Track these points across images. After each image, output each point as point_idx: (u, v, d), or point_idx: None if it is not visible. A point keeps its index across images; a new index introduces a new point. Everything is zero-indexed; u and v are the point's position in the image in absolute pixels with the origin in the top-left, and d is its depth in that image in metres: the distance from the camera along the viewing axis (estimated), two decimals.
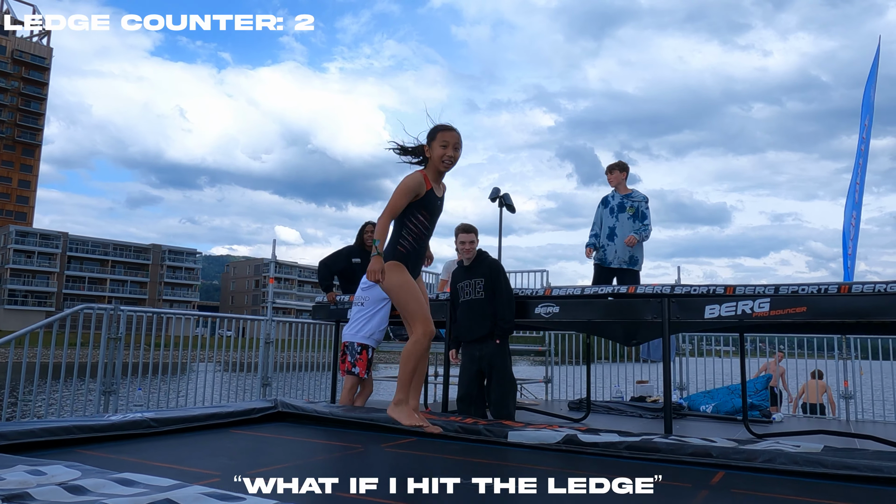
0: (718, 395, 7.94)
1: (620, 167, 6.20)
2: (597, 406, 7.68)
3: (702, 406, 7.84)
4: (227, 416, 4.08)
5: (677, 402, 7.91)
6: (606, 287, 4.45)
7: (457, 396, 4.69)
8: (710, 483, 2.77)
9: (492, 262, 4.77)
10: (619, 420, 7.04)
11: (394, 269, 3.47)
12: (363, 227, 6.09)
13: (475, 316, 4.56)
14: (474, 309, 4.57)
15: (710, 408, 7.73)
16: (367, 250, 5.72)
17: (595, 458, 3.30)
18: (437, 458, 3.22)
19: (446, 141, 3.56)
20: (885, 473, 2.84)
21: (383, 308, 5.03)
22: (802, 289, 3.79)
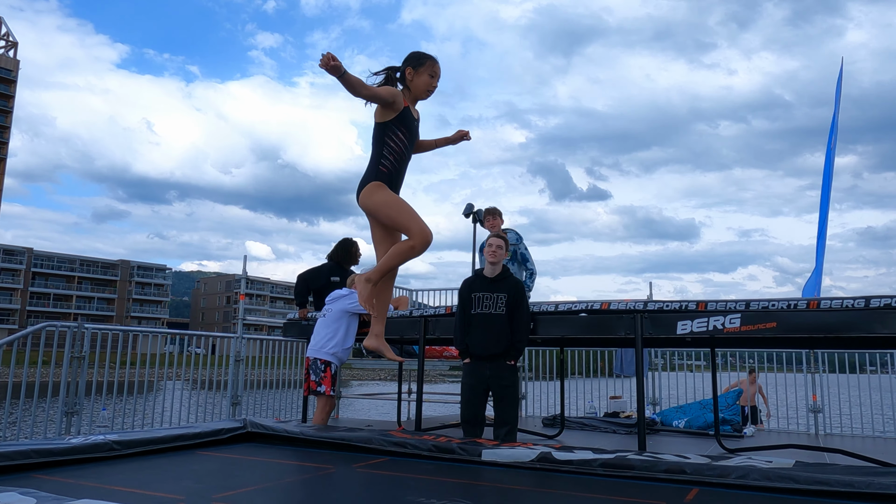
0: (691, 410, 7.99)
1: (494, 213, 6.21)
2: (571, 422, 7.67)
3: (674, 421, 7.88)
4: (195, 437, 3.97)
5: (650, 418, 7.94)
6: (581, 303, 4.44)
7: (463, 417, 4.41)
8: (684, 500, 2.76)
9: (517, 280, 4.63)
10: (593, 436, 7.03)
11: (377, 189, 3.42)
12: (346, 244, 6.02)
13: (493, 331, 4.33)
14: (493, 324, 4.34)
15: (683, 423, 7.76)
16: (345, 268, 5.66)
17: (570, 476, 3.26)
18: (410, 479, 3.16)
19: (435, 72, 3.54)
20: (856, 488, 2.85)
21: (348, 323, 4.96)
22: (773, 304, 3.83)
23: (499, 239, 4.52)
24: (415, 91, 3.56)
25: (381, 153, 3.51)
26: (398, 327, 5.19)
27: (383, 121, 3.52)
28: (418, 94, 3.56)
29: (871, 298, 3.62)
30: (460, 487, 3.01)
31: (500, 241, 4.52)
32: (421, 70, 3.54)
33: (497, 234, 4.61)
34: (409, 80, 3.55)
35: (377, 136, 3.53)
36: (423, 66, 3.54)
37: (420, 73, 3.54)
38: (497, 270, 4.43)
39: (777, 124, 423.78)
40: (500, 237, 4.57)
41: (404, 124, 3.51)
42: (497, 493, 2.93)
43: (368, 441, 3.91)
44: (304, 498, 2.75)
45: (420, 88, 3.55)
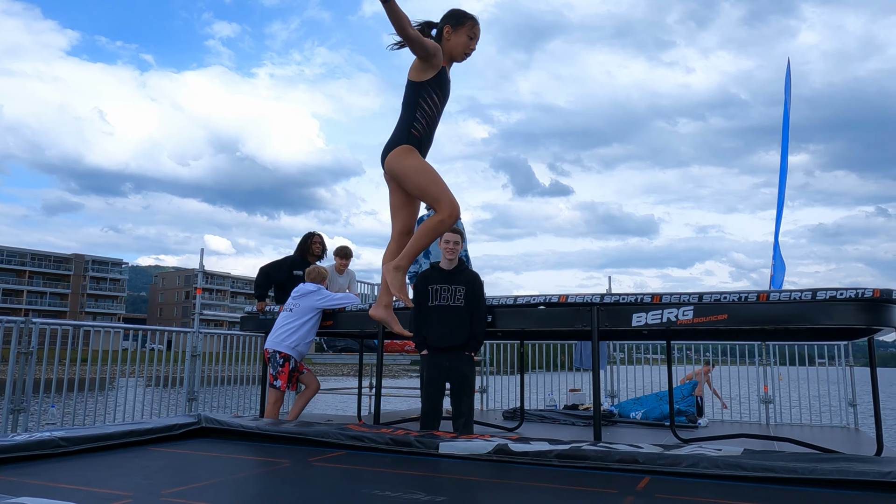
0: (647, 402, 8.15)
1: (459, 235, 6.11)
2: (530, 415, 7.75)
3: (631, 413, 8.03)
4: (146, 432, 3.88)
5: (608, 410, 8.07)
6: (539, 296, 4.48)
7: (424, 410, 4.38)
8: (635, 489, 2.81)
9: (474, 273, 4.69)
10: (552, 428, 7.11)
11: (408, 153, 3.20)
12: (308, 237, 5.95)
13: (451, 324, 4.33)
14: (451, 316, 4.34)
15: (640, 414, 7.91)
16: (311, 262, 5.60)
17: (526, 468, 3.29)
18: (366, 472, 3.14)
19: (475, 33, 3.29)
20: (800, 474, 2.94)
21: (312, 319, 4.93)
22: (724, 297, 3.92)
23: (456, 234, 4.55)
24: (451, 52, 3.30)
25: (413, 115, 3.27)
26: (357, 321, 5.16)
27: (419, 80, 3.26)
28: (455, 55, 3.31)
29: (817, 291, 3.74)
30: (417, 480, 3.00)
31: (457, 237, 4.55)
32: (460, 30, 3.29)
33: (454, 228, 4.63)
34: (445, 38, 3.30)
35: (410, 96, 3.28)
36: (462, 26, 3.29)
37: (459, 33, 3.29)
38: (454, 263, 4.46)
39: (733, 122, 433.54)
40: (458, 232, 4.59)
41: (440, 86, 3.28)
42: (453, 485, 2.94)
43: (325, 435, 3.88)
44: (256, 492, 2.72)
45: (457, 49, 3.29)
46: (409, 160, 3.18)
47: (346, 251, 6.64)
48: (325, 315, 5.09)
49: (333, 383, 23.21)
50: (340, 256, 6.42)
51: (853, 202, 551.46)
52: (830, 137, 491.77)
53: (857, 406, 8.14)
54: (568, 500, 2.67)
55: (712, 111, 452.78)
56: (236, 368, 8.23)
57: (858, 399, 8.15)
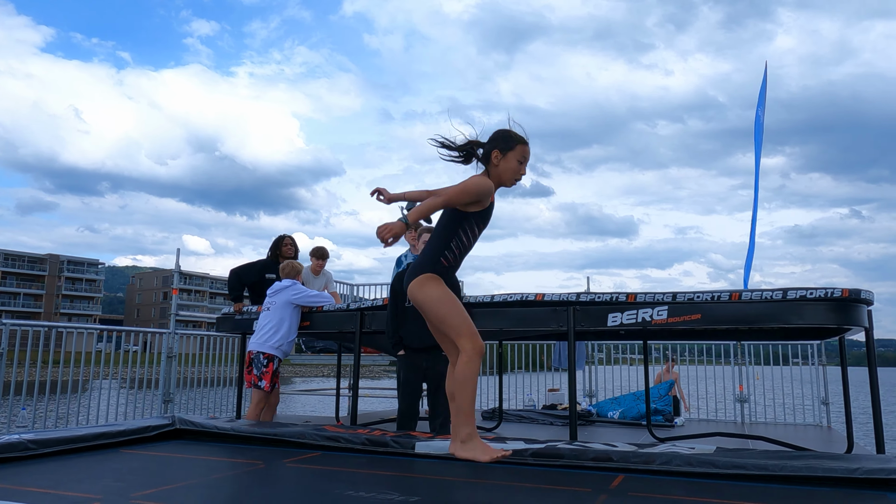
0: (625, 402, 8.21)
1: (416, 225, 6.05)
2: (509, 415, 7.77)
3: (609, 412, 8.08)
4: (118, 434, 3.82)
5: (586, 409, 8.12)
6: (515, 295, 4.49)
7: (400, 410, 4.35)
8: (609, 487, 2.82)
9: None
10: (531, 428, 7.14)
11: (431, 281, 3.06)
12: (279, 240, 5.91)
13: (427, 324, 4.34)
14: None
15: (617, 414, 7.98)
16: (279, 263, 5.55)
17: (501, 467, 3.30)
18: (341, 472, 3.13)
19: (525, 156, 3.13)
20: (770, 471, 2.99)
21: (291, 315, 4.89)
22: (698, 296, 3.96)
23: (428, 235, 4.55)
24: (500, 177, 3.14)
25: (447, 244, 3.11)
26: (335, 321, 5.14)
27: (465, 210, 3.09)
28: (504, 181, 3.14)
29: (787, 290, 3.79)
30: (392, 480, 3.00)
31: (427, 237, 4.55)
32: (510, 154, 3.12)
33: (429, 228, 4.62)
34: (494, 164, 3.13)
35: (450, 223, 3.11)
36: (512, 150, 3.11)
37: (508, 158, 3.12)
38: None
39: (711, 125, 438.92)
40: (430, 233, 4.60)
41: (484, 220, 3.13)
42: (428, 485, 2.93)
43: (301, 436, 3.86)
44: (229, 494, 2.69)
45: (507, 175, 3.13)
46: (430, 290, 3.05)
47: (323, 252, 6.61)
48: (302, 316, 5.06)
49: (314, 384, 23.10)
50: (316, 257, 6.38)
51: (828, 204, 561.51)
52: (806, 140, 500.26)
53: (829, 404, 8.27)
54: (542, 499, 2.68)
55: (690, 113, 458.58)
56: (215, 370, 8.15)
57: (831, 398, 8.29)
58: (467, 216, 3.07)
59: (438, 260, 3.07)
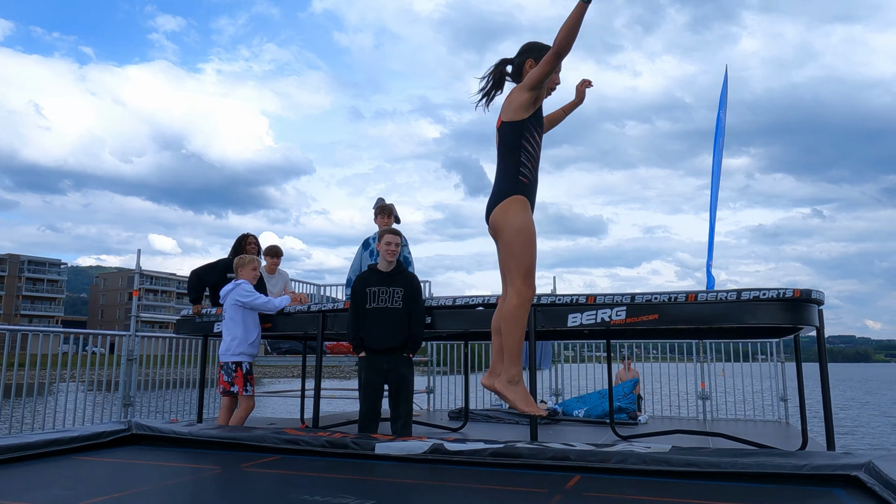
0: (590, 400, 8.30)
1: (388, 211, 5.96)
2: (476, 415, 7.79)
3: (575, 411, 8.16)
4: (71, 441, 3.74)
5: (552, 408, 8.19)
6: (477, 298, 4.51)
7: (361, 412, 4.35)
8: (564, 487, 2.85)
9: (412, 274, 4.70)
10: (497, 428, 7.17)
11: (517, 205, 2.82)
12: (242, 239, 5.82)
13: (389, 326, 4.32)
14: (389, 318, 4.33)
15: (583, 412, 8.06)
16: None
17: (461, 468, 3.31)
18: (299, 476, 3.11)
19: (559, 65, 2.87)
20: (722, 468, 3.05)
21: (245, 317, 4.82)
22: (655, 297, 4.02)
23: (396, 237, 4.55)
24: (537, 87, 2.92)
25: (517, 159, 2.88)
26: (298, 323, 5.09)
27: (522, 118, 2.89)
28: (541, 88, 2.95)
29: (742, 291, 3.87)
30: (350, 483, 2.99)
31: (398, 239, 4.55)
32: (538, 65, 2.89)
33: (394, 230, 4.62)
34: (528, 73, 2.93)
35: (512, 138, 2.90)
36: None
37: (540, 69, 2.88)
38: (393, 265, 4.44)
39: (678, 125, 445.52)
40: (398, 234, 4.59)
41: (539, 122, 2.95)
42: (386, 488, 2.93)
43: (261, 440, 3.82)
44: (182, 501, 2.65)
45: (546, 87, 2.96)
46: (518, 216, 2.81)
47: (277, 250, 6.54)
48: (265, 318, 4.99)
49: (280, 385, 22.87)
50: (271, 255, 6.30)
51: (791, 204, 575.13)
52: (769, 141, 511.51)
53: (787, 401, 8.46)
54: (497, 500, 2.70)
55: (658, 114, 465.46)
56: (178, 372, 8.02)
57: (790, 394, 8.48)
58: (525, 124, 2.86)
59: (518, 179, 2.84)
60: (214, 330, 5.30)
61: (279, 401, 17.07)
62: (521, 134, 2.86)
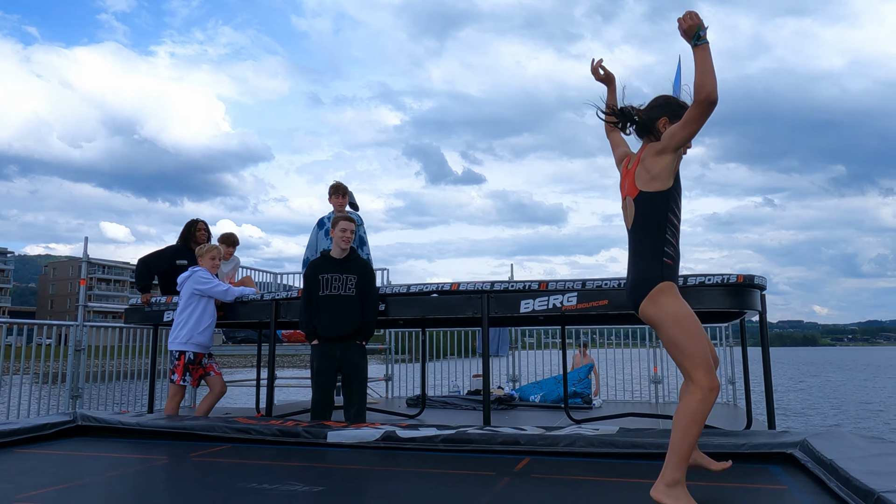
0: (546, 386, 8.41)
1: (343, 191, 5.87)
2: (433, 401, 7.83)
3: (531, 396, 8.26)
4: (11, 434, 3.63)
5: (509, 394, 8.28)
6: (432, 285, 4.52)
7: (315, 401, 4.31)
8: (513, 470, 2.90)
9: (366, 261, 4.66)
10: (454, 414, 7.22)
11: (666, 295, 2.42)
12: (191, 224, 5.69)
13: (343, 313, 4.29)
14: (342, 305, 4.29)
15: (539, 397, 8.16)
16: (193, 250, 5.35)
17: (412, 454, 3.33)
18: (248, 465, 3.08)
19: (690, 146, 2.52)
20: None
21: (198, 306, 4.73)
22: (605, 283, 4.10)
23: (351, 223, 4.51)
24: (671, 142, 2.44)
25: (662, 237, 2.43)
26: (251, 311, 5.03)
27: (666, 188, 2.44)
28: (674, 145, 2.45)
29: (688, 277, 3.96)
30: (301, 470, 2.98)
31: (353, 226, 4.51)
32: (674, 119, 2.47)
33: (347, 216, 4.58)
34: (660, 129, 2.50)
35: (654, 211, 2.45)
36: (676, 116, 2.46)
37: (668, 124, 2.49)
38: (346, 252, 4.41)
39: None
40: (352, 220, 4.56)
41: (680, 191, 2.51)
42: (335, 474, 2.93)
43: (211, 429, 3.78)
44: (124, 492, 2.60)
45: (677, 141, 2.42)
46: (668, 306, 2.42)
47: (233, 238, 6.43)
48: (217, 305, 4.91)
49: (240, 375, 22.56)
50: (227, 244, 6.19)
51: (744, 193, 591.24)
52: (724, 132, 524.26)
53: (735, 383, 8.72)
54: (445, 485, 2.72)
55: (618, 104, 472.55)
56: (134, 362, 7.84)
57: (737, 377, 8.74)
58: (670, 193, 2.44)
59: (661, 260, 2.43)
60: (165, 319, 5.19)
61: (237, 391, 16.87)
62: (667, 205, 2.43)
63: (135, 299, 5.57)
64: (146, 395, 7.81)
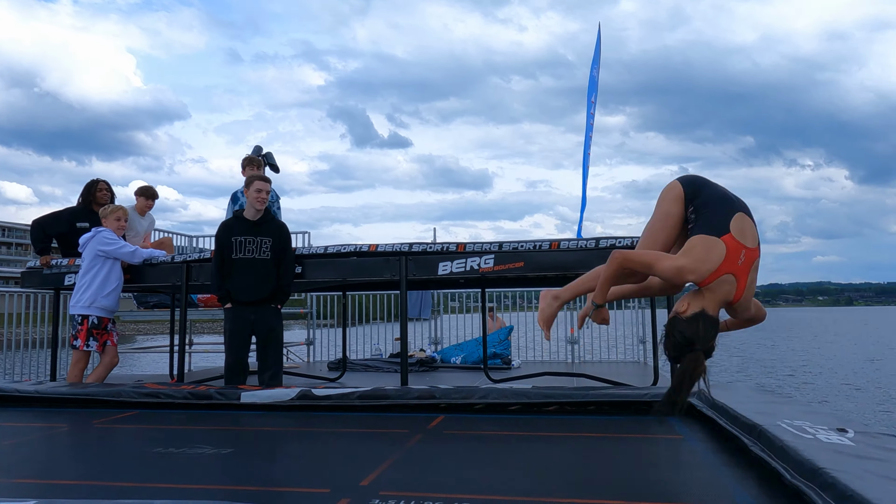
0: (467, 348, 8.56)
1: (257, 164, 5.74)
2: (355, 365, 7.83)
3: (452, 358, 8.40)
4: None
5: (431, 356, 8.38)
6: (350, 246, 4.46)
7: (227, 364, 4.22)
8: (427, 427, 2.94)
9: (282, 223, 4.51)
10: (376, 376, 7.25)
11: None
12: (91, 184, 5.37)
13: (258, 276, 4.18)
14: (258, 269, 4.18)
15: (460, 359, 8.31)
16: (95, 211, 5.06)
17: (327, 415, 3.32)
18: (154, 430, 3.00)
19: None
20: (573, 398, 3.29)
21: (102, 269, 4.51)
22: (521, 245, 4.17)
23: (267, 184, 4.37)
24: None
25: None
26: (161, 274, 4.84)
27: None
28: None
29: (600, 239, 4.09)
30: (211, 433, 2.92)
31: (268, 187, 4.37)
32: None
33: (264, 177, 4.44)
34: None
35: None
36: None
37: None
38: (260, 214, 4.28)
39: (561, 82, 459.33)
40: (268, 181, 4.42)
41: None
42: (247, 437, 2.89)
43: (117, 395, 3.64)
44: (23, 460, 2.48)
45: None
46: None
47: (151, 191, 6.10)
48: (127, 269, 4.69)
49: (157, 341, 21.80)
50: (145, 196, 5.86)
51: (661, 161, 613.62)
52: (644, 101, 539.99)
53: (646, 343, 9.15)
54: (357, 443, 2.74)
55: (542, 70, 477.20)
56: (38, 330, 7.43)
57: (648, 337, 9.17)
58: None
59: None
60: (66, 282, 4.93)
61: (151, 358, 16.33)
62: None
63: (33, 262, 5.25)
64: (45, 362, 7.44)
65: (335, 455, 2.50)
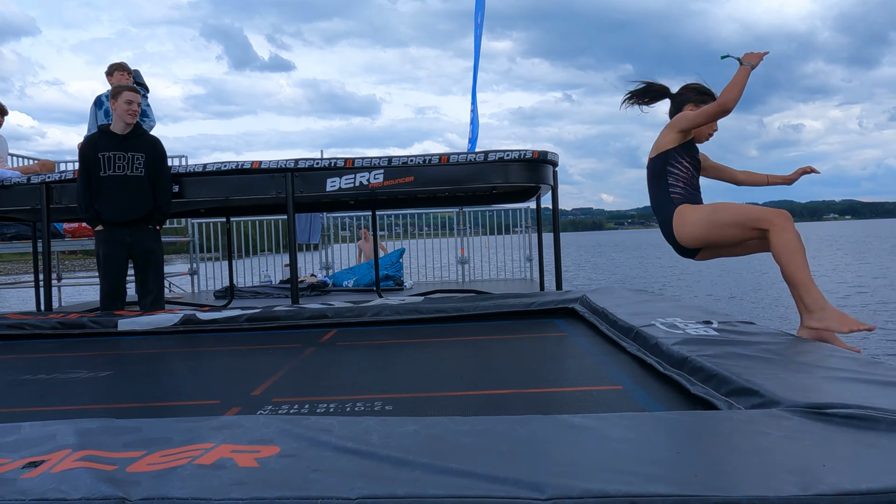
0: (359, 271, 8.54)
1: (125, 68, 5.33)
2: (243, 292, 7.61)
3: (344, 282, 8.36)
4: None
5: (322, 280, 8.30)
6: (231, 163, 4.23)
7: (104, 291, 3.91)
8: (319, 341, 2.92)
9: (155, 138, 4.12)
10: (265, 302, 7.09)
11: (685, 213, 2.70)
12: None
13: (131, 194, 3.85)
14: (130, 187, 3.85)
15: (352, 282, 8.28)
16: None
17: (216, 335, 3.21)
18: (21, 360, 2.78)
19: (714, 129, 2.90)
20: (466, 312, 3.36)
21: None
22: (411, 160, 4.12)
23: (137, 94, 3.98)
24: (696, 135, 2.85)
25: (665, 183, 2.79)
26: (17, 197, 4.39)
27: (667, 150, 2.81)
28: (699, 137, 2.88)
29: (488, 153, 4.12)
30: (86, 360, 2.74)
31: (138, 97, 3.99)
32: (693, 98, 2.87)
33: (133, 87, 4.06)
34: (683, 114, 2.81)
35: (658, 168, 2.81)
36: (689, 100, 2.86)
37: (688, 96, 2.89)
38: (130, 128, 3.91)
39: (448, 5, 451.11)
40: (138, 91, 4.04)
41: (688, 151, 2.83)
42: (129, 360, 2.75)
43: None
44: None
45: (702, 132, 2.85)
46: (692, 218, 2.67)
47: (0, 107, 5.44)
48: None
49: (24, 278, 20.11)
50: None
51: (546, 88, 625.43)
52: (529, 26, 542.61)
53: (532, 260, 9.53)
54: (248, 359, 2.67)
55: None
56: None
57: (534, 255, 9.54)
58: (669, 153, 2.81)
59: (671, 198, 2.76)
60: None
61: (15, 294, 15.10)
62: (667, 161, 2.81)
63: None
64: None
65: (225, 371, 2.43)
